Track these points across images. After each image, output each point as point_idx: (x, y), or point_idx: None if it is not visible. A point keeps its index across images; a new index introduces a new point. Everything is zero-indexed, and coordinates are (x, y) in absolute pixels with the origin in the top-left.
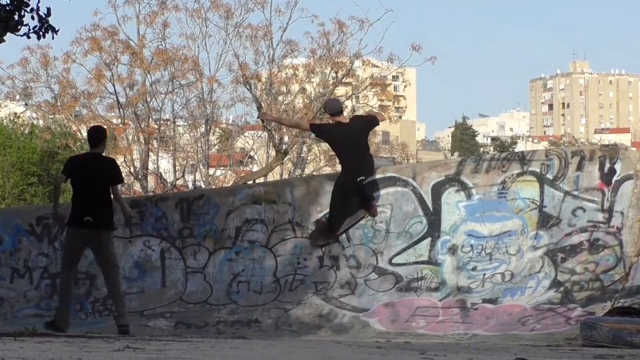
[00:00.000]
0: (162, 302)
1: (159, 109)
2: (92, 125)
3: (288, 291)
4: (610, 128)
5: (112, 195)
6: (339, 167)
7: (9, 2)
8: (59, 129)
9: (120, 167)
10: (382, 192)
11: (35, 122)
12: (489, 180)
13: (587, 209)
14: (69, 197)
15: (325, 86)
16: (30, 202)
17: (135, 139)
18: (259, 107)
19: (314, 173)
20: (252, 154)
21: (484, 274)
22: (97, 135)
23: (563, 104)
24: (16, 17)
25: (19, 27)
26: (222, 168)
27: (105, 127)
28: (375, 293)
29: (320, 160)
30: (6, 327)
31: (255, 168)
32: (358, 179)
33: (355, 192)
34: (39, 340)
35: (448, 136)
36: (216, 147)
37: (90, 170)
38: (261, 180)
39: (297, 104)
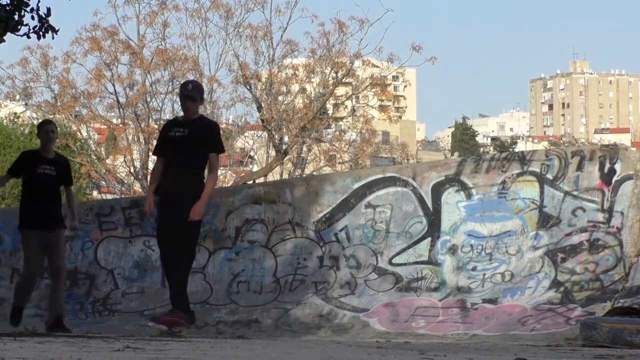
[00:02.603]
0: (162, 302)
1: (159, 109)
2: (92, 125)
3: (288, 291)
4: (610, 128)
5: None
6: (338, 167)
7: (9, 2)
8: (59, 129)
9: (121, 167)
10: (382, 192)
11: (35, 122)
12: (489, 180)
13: (587, 209)
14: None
15: (325, 86)
16: None
17: (135, 139)
18: (259, 107)
19: (314, 173)
20: (252, 154)
21: (484, 274)
22: None
23: (563, 104)
24: (16, 17)
25: (19, 27)
26: (222, 168)
27: None
28: (375, 293)
29: (320, 160)
30: (6, 327)
31: (255, 168)
32: None
33: None
34: (39, 340)
35: (448, 136)
36: None
37: None
38: (261, 180)
39: (297, 104)
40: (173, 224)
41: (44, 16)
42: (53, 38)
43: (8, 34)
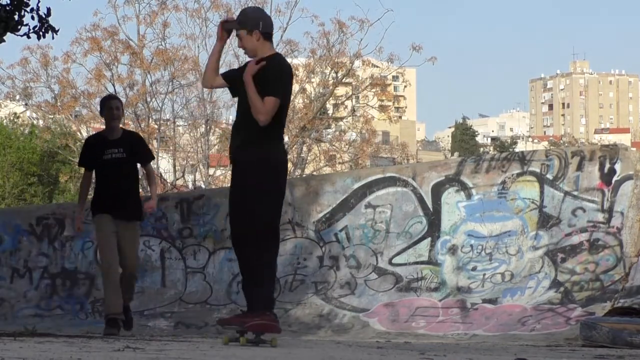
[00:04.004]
0: (162, 302)
1: (159, 109)
2: (92, 125)
3: (288, 291)
4: (610, 128)
5: None
6: (338, 167)
7: (9, 2)
8: (59, 129)
9: None
10: (382, 192)
11: (35, 122)
12: (489, 180)
13: (587, 209)
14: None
15: (325, 86)
16: (30, 202)
17: None
18: None
19: (314, 173)
20: None
21: (484, 274)
22: None
23: (563, 104)
24: (16, 17)
25: (19, 27)
26: (222, 168)
27: None
28: (375, 293)
29: (320, 160)
30: (6, 327)
31: None
32: None
33: None
34: (39, 340)
35: (448, 136)
36: (216, 147)
37: None
38: None
39: (297, 104)
40: (243, 199)
41: (44, 16)
42: (53, 38)
43: (8, 34)
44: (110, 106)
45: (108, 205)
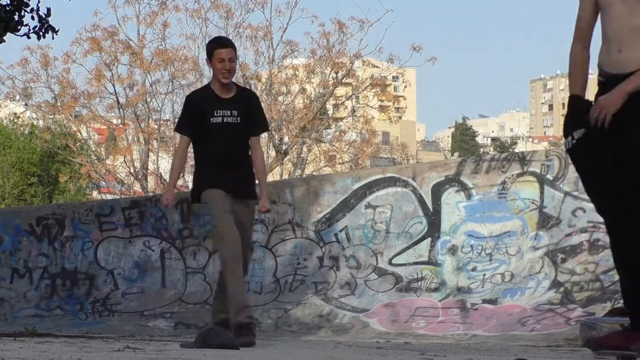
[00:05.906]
0: (162, 302)
1: (159, 109)
2: (92, 125)
3: (288, 291)
4: None
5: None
6: (338, 167)
7: (9, 2)
8: (59, 129)
9: (121, 167)
10: (382, 192)
11: (35, 122)
12: (489, 180)
13: (587, 210)
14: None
15: (325, 86)
16: (30, 202)
17: (135, 139)
18: None
19: (314, 173)
20: None
21: (484, 275)
22: None
23: (563, 104)
24: (16, 17)
25: (19, 27)
26: None
27: None
28: (375, 293)
29: (320, 160)
30: (6, 327)
31: None
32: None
33: None
34: (39, 340)
35: (448, 137)
36: None
37: None
38: None
39: (297, 104)
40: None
41: (44, 16)
42: (53, 38)
43: (8, 34)
44: (221, 57)
45: (219, 181)
